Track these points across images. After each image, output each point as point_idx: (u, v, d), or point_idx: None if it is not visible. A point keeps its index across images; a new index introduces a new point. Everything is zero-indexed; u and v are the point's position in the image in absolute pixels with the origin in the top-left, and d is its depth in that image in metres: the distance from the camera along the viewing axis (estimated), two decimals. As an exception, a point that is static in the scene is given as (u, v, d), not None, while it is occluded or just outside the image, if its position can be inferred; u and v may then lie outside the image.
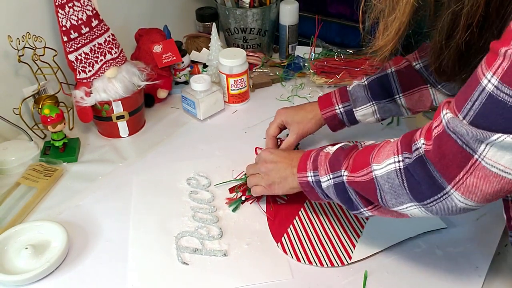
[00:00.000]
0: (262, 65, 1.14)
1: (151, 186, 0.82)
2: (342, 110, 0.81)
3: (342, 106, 0.81)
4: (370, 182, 0.55)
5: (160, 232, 0.73)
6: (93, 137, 0.96)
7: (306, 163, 0.66)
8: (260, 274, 0.66)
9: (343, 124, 0.83)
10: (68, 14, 0.82)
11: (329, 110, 0.81)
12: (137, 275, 0.66)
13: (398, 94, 0.78)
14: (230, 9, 1.13)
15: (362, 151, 0.59)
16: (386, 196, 0.53)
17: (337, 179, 0.60)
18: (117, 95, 0.89)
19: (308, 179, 0.65)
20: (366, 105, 0.79)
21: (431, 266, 0.66)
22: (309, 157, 0.66)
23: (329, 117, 0.82)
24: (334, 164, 0.61)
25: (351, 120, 0.82)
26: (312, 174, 0.65)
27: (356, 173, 0.57)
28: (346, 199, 0.60)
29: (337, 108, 0.81)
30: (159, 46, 0.99)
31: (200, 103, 0.96)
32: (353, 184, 0.58)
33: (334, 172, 0.61)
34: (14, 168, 0.85)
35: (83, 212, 0.77)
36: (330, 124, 0.83)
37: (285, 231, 0.72)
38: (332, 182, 0.61)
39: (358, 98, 0.79)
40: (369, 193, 0.56)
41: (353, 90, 0.80)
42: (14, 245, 0.70)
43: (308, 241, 0.70)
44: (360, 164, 0.57)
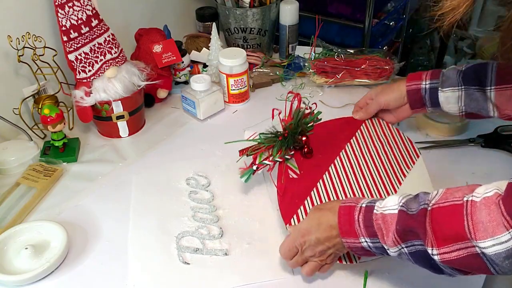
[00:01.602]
0: (262, 65, 1.14)
1: (151, 186, 0.82)
2: (428, 86, 0.77)
3: (429, 82, 0.77)
4: (474, 257, 0.47)
5: (160, 232, 0.73)
6: (93, 137, 0.95)
7: (353, 226, 0.56)
8: (261, 273, 0.66)
9: (423, 104, 0.78)
10: (68, 14, 0.82)
11: (414, 83, 0.78)
12: (138, 275, 0.66)
13: (490, 86, 0.71)
14: (230, 9, 1.13)
15: (443, 220, 0.50)
16: (503, 269, 0.47)
17: (414, 247, 0.52)
18: (117, 95, 0.89)
19: (362, 245, 0.57)
20: (454, 88, 0.75)
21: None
22: (354, 220, 0.56)
23: (412, 90, 0.78)
24: (406, 235, 0.52)
25: (433, 100, 0.77)
26: (368, 240, 0.56)
27: (448, 246, 0.49)
28: (431, 266, 0.52)
29: (423, 84, 0.77)
30: (159, 46, 0.99)
31: (200, 103, 0.96)
32: (450, 263, 0.49)
33: (408, 242, 0.52)
34: (14, 168, 0.85)
35: (83, 212, 0.77)
36: (411, 99, 0.78)
37: (295, 212, 0.69)
38: (407, 251, 0.53)
39: (448, 79, 0.75)
40: (475, 268, 0.49)
41: (446, 71, 0.77)
42: (14, 245, 0.70)
43: None
44: (450, 238, 0.49)
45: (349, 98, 1.03)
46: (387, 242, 0.54)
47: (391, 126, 0.84)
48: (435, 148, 0.88)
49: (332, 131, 0.83)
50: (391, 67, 1.05)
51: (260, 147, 0.75)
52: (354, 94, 1.05)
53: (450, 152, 0.87)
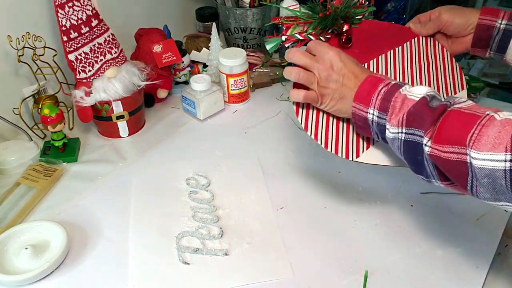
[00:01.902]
0: (262, 65, 1.14)
1: (151, 186, 0.82)
2: (503, 26, 0.69)
3: (506, 22, 0.69)
4: (461, 164, 0.47)
5: (160, 232, 0.73)
6: (93, 137, 0.95)
7: (371, 94, 0.55)
8: (261, 273, 0.66)
9: (488, 45, 0.71)
10: (68, 14, 0.82)
11: (489, 18, 0.70)
12: (138, 275, 0.66)
13: None
14: (230, 9, 1.13)
15: (455, 121, 0.49)
16: (479, 188, 0.47)
17: (412, 136, 0.51)
18: (117, 95, 0.89)
19: (366, 116, 0.56)
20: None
21: (431, 266, 0.66)
22: (376, 89, 0.56)
23: (483, 24, 0.70)
24: (414, 121, 0.51)
25: (501, 44, 0.70)
26: (375, 113, 0.55)
27: (443, 146, 0.48)
28: (415, 160, 0.52)
29: (498, 22, 0.69)
30: (159, 46, 0.99)
31: (200, 103, 0.96)
32: (437, 160, 0.49)
33: (410, 128, 0.52)
34: (14, 168, 0.85)
35: (83, 212, 0.77)
36: (477, 35, 0.71)
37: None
38: (402, 137, 0.52)
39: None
40: (455, 174, 0.49)
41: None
42: (14, 245, 0.70)
43: (325, 119, 0.63)
44: (450, 138, 0.48)
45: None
46: (392, 121, 0.53)
47: (446, 51, 0.77)
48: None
49: (380, 32, 0.76)
50: (392, 67, 1.05)
51: (297, 19, 0.69)
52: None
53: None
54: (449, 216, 0.73)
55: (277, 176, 0.83)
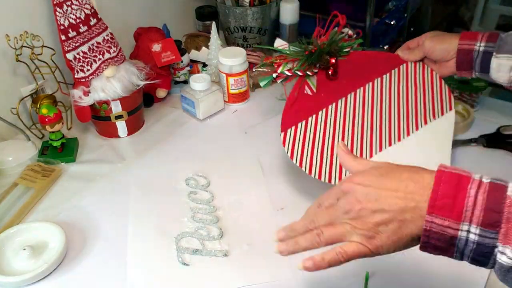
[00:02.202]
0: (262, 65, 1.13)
1: (150, 186, 0.82)
2: (482, 49, 0.71)
3: (485, 45, 0.71)
4: None
5: (159, 233, 0.72)
6: (92, 137, 0.95)
7: (462, 201, 0.38)
8: (261, 274, 0.65)
9: (471, 67, 0.73)
10: (66, 12, 0.81)
11: (468, 43, 0.73)
12: (137, 276, 0.66)
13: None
14: (230, 7, 1.13)
15: None
16: None
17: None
18: (115, 95, 0.88)
19: (457, 234, 0.38)
20: (510, 56, 0.69)
21: (433, 267, 0.65)
22: (467, 193, 0.38)
23: (463, 49, 0.73)
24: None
25: (483, 65, 0.72)
26: (476, 231, 0.37)
27: None
28: None
29: (477, 45, 0.72)
30: (158, 45, 0.98)
31: (200, 103, 0.95)
32: None
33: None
34: (12, 168, 0.85)
35: (81, 212, 0.76)
36: (460, 59, 0.73)
37: (295, 124, 0.67)
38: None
39: (506, 45, 0.69)
40: None
41: (506, 36, 0.71)
42: (12, 246, 0.69)
43: (311, 145, 0.65)
44: None
45: (350, 97, 1.03)
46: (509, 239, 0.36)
47: (435, 73, 0.79)
48: (437, 147, 0.87)
49: (367, 61, 0.78)
50: (392, 66, 1.04)
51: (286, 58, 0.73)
52: (354, 93, 1.04)
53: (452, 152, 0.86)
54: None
55: (277, 176, 0.82)
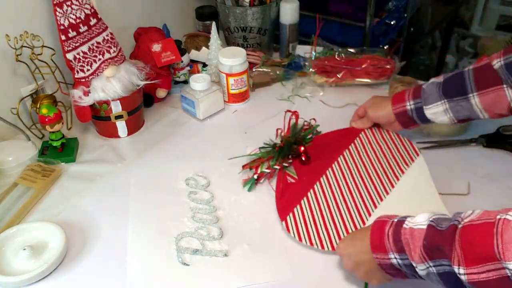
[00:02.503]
0: (262, 65, 1.13)
1: (150, 186, 0.82)
2: (413, 107, 0.79)
3: (413, 103, 0.78)
4: (504, 280, 0.44)
5: (160, 233, 0.72)
6: (92, 137, 0.95)
7: (383, 241, 0.55)
8: (261, 274, 0.65)
9: (414, 122, 0.80)
10: (66, 12, 0.81)
11: (400, 106, 0.80)
12: (137, 276, 0.66)
13: (472, 93, 0.73)
14: (230, 7, 1.13)
15: (472, 237, 0.46)
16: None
17: (442, 268, 0.49)
18: (115, 95, 0.88)
19: (391, 262, 0.55)
20: (437, 103, 0.76)
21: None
22: (384, 234, 0.55)
23: (399, 113, 0.81)
24: (433, 252, 0.50)
25: (422, 118, 0.79)
26: (397, 257, 0.54)
27: (477, 267, 0.45)
28: (461, 286, 0.48)
29: (408, 105, 0.79)
30: (158, 45, 0.98)
31: (200, 103, 0.95)
32: (479, 284, 0.46)
33: (435, 260, 0.50)
34: (12, 168, 0.85)
35: (81, 212, 0.76)
36: (401, 121, 0.82)
37: (291, 210, 0.73)
38: (434, 270, 0.50)
39: (430, 95, 0.76)
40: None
41: (426, 87, 0.78)
42: (12, 246, 0.69)
43: (313, 222, 0.71)
44: (479, 257, 0.45)
45: (350, 97, 1.03)
46: (415, 258, 0.51)
47: (392, 132, 0.87)
48: (437, 148, 0.87)
49: (332, 140, 0.89)
50: (392, 67, 1.05)
51: (261, 159, 0.81)
52: (354, 93, 1.04)
53: (451, 153, 0.86)
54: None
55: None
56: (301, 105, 1.02)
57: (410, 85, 1.00)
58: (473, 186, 0.78)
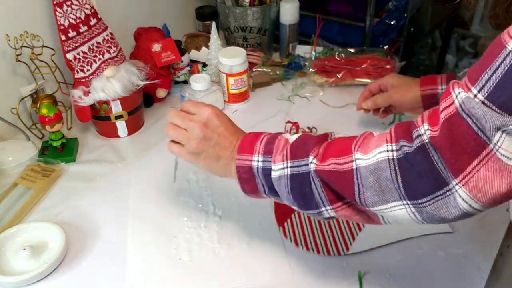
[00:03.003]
0: (262, 65, 1.13)
1: (150, 186, 0.82)
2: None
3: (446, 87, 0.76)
4: (347, 173, 0.47)
5: (159, 232, 0.72)
6: (92, 137, 0.95)
7: (254, 143, 0.56)
8: (260, 274, 0.65)
9: None
10: (66, 12, 0.81)
11: (430, 88, 0.76)
12: (136, 276, 0.66)
13: None
14: (230, 8, 1.13)
15: (339, 140, 0.52)
16: (366, 192, 0.46)
17: (297, 169, 0.51)
18: (115, 95, 0.88)
19: (251, 164, 0.54)
20: None
21: (433, 267, 0.65)
22: (259, 138, 0.56)
23: (427, 95, 0.76)
24: (298, 150, 0.52)
25: None
26: (260, 159, 0.54)
27: (328, 161, 0.49)
28: (303, 194, 0.51)
29: (439, 88, 0.75)
30: (158, 45, 0.98)
31: (200, 103, 0.96)
32: (323, 174, 0.49)
33: (295, 160, 0.51)
34: (12, 168, 0.85)
35: (81, 212, 0.76)
36: (426, 103, 0.77)
37: (289, 216, 0.74)
38: (288, 172, 0.52)
39: None
40: (342, 186, 0.48)
41: (462, 74, 0.73)
42: (12, 246, 0.69)
43: (310, 228, 0.72)
44: (337, 152, 0.50)
45: (350, 97, 1.03)
46: (276, 158, 0.53)
47: None
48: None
49: None
50: (392, 66, 1.05)
51: None
52: (354, 93, 1.04)
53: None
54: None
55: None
56: (301, 105, 1.02)
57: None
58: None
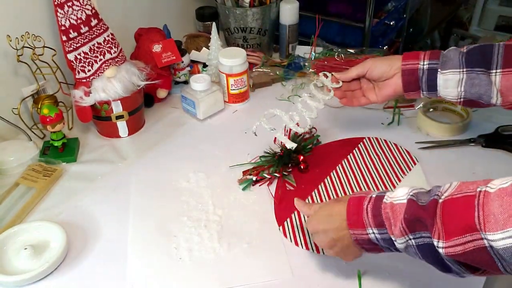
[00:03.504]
0: (262, 65, 1.14)
1: (151, 186, 0.82)
2: (426, 67, 0.70)
3: (428, 63, 0.70)
4: (481, 251, 0.44)
5: (160, 232, 0.73)
6: (93, 137, 0.95)
7: (361, 216, 0.54)
8: (260, 273, 0.66)
9: (418, 87, 0.72)
10: (67, 13, 0.82)
11: (411, 62, 0.71)
12: (137, 275, 0.66)
13: (495, 69, 0.65)
14: (230, 8, 1.13)
15: (453, 211, 0.46)
16: (510, 266, 0.44)
17: (422, 239, 0.49)
18: (116, 95, 0.88)
19: (369, 237, 0.54)
20: (455, 70, 0.68)
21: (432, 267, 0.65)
22: (363, 209, 0.54)
23: (407, 69, 0.71)
24: (414, 225, 0.50)
25: (430, 83, 0.70)
26: (375, 231, 0.53)
27: (454, 239, 0.46)
28: (438, 262, 0.49)
29: (421, 64, 0.71)
30: (158, 45, 0.98)
31: (200, 103, 0.96)
32: (456, 257, 0.46)
33: (416, 233, 0.50)
34: (13, 168, 0.85)
35: (82, 212, 0.77)
36: (405, 80, 0.72)
37: (288, 216, 0.74)
38: (413, 243, 0.50)
39: (450, 60, 0.69)
40: (481, 263, 0.45)
41: (447, 52, 0.70)
42: (13, 245, 0.69)
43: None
44: (458, 229, 0.45)
45: (349, 98, 1.03)
46: (395, 232, 0.51)
47: (389, 142, 0.88)
48: (436, 148, 0.87)
49: (331, 149, 0.89)
50: (392, 67, 1.05)
51: (261, 167, 0.83)
52: (354, 94, 1.05)
53: (451, 152, 0.87)
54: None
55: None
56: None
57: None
58: (472, 185, 0.79)
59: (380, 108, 0.99)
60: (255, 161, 0.85)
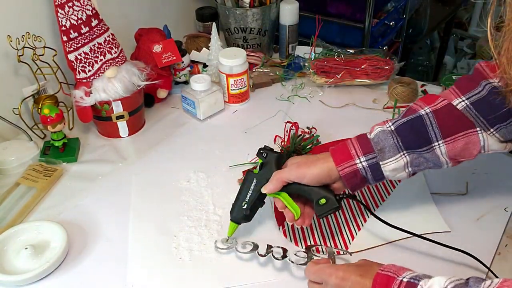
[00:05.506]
0: (262, 65, 1.14)
1: (151, 186, 0.82)
2: (365, 164, 0.62)
3: (365, 159, 0.62)
4: None
5: (160, 231, 0.73)
6: (93, 137, 0.95)
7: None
8: (260, 273, 0.66)
9: (365, 183, 0.64)
10: (67, 13, 0.82)
11: (347, 164, 0.62)
12: (137, 275, 0.66)
13: (437, 141, 0.61)
14: (230, 9, 1.13)
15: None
16: None
17: None
18: (117, 95, 0.88)
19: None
20: (396, 157, 0.62)
21: (432, 267, 0.66)
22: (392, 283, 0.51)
23: (348, 173, 0.62)
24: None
25: (377, 177, 0.63)
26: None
27: None
28: None
29: (357, 162, 0.62)
30: (159, 46, 0.99)
31: (200, 103, 0.96)
32: None
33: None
34: (14, 168, 0.85)
35: (82, 212, 0.77)
36: (351, 183, 0.63)
37: None
38: None
39: (386, 147, 0.62)
40: None
41: (376, 137, 0.63)
42: (14, 245, 0.70)
43: (309, 228, 0.72)
44: None
45: (349, 98, 1.03)
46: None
47: None
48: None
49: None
50: (391, 67, 1.05)
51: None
52: (354, 94, 1.05)
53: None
54: (449, 216, 0.73)
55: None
56: (300, 105, 1.03)
57: (409, 85, 1.00)
58: (471, 185, 0.79)
59: (380, 108, 0.99)
60: (255, 161, 0.85)
